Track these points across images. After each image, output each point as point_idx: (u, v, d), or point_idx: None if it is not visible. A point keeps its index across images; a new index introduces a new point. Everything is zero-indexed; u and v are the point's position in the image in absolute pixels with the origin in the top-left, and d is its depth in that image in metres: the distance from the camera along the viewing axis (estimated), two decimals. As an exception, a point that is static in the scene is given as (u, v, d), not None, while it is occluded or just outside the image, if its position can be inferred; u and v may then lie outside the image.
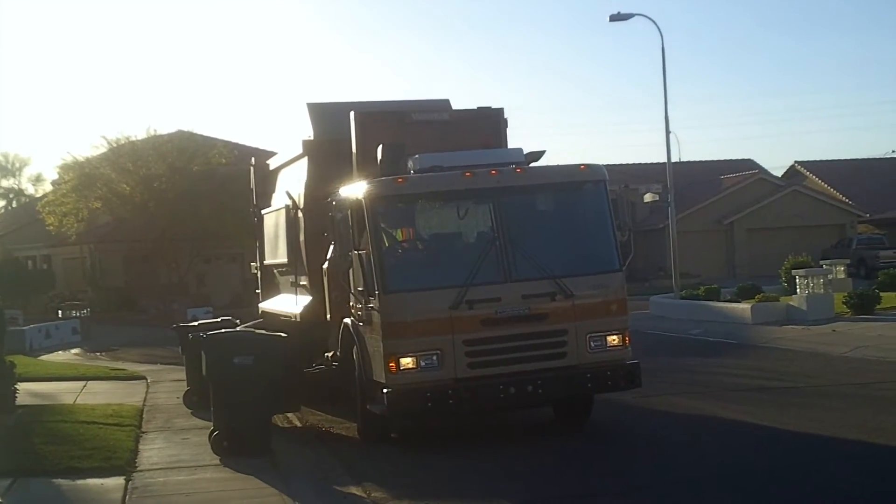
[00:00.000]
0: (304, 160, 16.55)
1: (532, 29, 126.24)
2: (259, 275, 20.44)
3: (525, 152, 14.00)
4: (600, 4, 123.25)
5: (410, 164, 13.54)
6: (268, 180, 19.63)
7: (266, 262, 19.41)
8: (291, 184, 17.13)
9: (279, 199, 17.89)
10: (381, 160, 13.81)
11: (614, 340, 13.06)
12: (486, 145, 14.49)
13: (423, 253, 13.72)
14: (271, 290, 19.22)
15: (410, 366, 12.43)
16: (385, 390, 12.53)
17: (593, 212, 13.65)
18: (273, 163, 19.53)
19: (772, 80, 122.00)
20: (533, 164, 13.95)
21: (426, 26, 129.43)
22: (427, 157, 13.45)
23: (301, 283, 16.58)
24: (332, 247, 15.10)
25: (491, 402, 12.83)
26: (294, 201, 16.39)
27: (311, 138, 16.52)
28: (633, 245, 13.73)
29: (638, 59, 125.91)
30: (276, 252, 18.12)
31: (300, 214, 16.25)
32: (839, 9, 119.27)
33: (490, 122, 15.57)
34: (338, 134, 15.25)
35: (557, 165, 14.27)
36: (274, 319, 18.05)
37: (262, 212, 19.57)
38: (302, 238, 16.23)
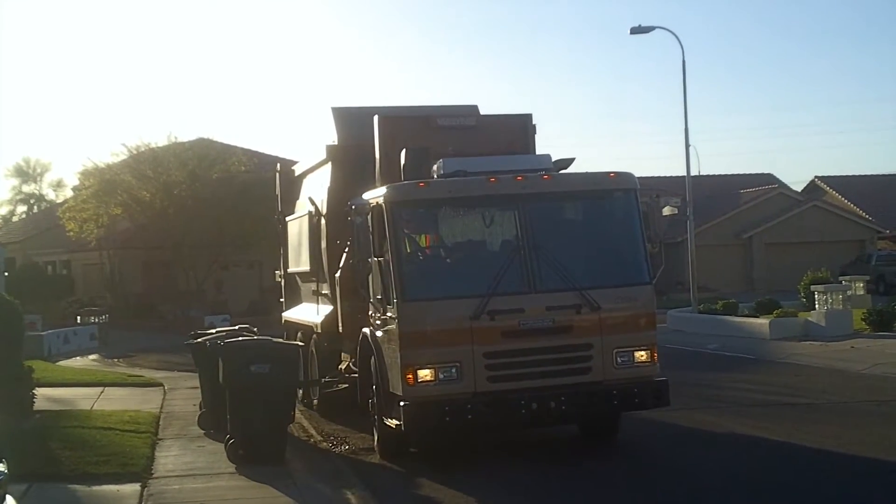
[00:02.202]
0: (328, 166, 16.25)
1: (551, 40, 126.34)
2: (283, 283, 20.18)
3: (553, 159, 13.60)
4: (621, 16, 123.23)
5: (434, 168, 13.21)
6: (293, 187, 19.42)
7: (290, 269, 19.17)
8: (315, 190, 16.90)
9: (303, 206, 17.64)
10: (404, 165, 13.50)
11: (642, 356, 12.59)
12: (513, 151, 14.12)
13: (444, 260, 13.36)
14: (295, 298, 19.01)
15: (428, 378, 12.00)
16: (402, 403, 12.08)
17: (623, 221, 13.21)
18: (298, 169, 19.32)
19: (791, 94, 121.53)
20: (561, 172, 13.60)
21: (446, 35, 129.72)
22: (451, 161, 13.07)
23: (322, 291, 16.37)
24: (345, 255, 14.76)
25: (511, 418, 12.35)
26: (317, 207, 16.10)
27: (336, 143, 16.26)
28: (663, 257, 13.31)
29: (656, 71, 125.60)
30: (299, 260, 17.89)
31: (323, 221, 15.93)
32: (860, 23, 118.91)
33: (518, 128, 15.21)
34: (363, 139, 14.94)
35: (586, 172, 13.83)
36: (296, 329, 17.86)
37: (287, 219, 19.35)
38: (324, 245, 15.99)
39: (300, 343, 15.71)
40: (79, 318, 39.83)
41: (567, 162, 13.70)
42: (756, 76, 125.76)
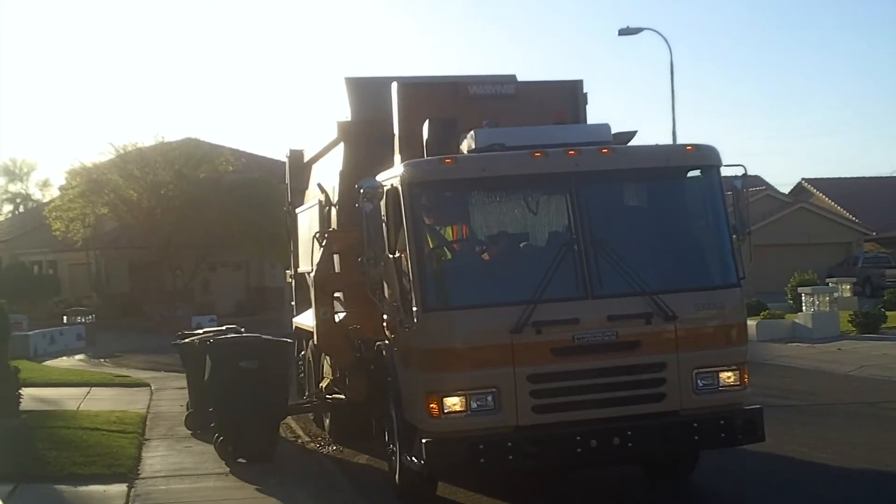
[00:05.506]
0: (340, 146, 14.01)
1: (539, 42, 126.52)
2: (293, 284, 17.99)
3: (613, 131, 11.10)
4: (609, 18, 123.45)
5: (465, 142, 10.79)
6: (302, 174, 17.19)
7: (300, 269, 16.87)
8: (326, 175, 14.76)
9: (314, 196, 15.32)
10: (427, 139, 11.08)
11: (729, 378, 10.09)
12: (560, 124, 11.63)
13: (476, 258, 10.74)
14: (307, 302, 15.70)
15: (457, 408, 9.60)
16: (423, 439, 9.72)
17: (704, 207, 10.70)
18: (308, 153, 16.98)
19: (778, 97, 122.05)
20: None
21: (426, 35, 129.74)
22: (486, 132, 10.67)
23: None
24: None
25: (564, 459, 9.91)
26: (327, 195, 13.96)
27: (349, 120, 14.04)
28: (752, 251, 10.65)
29: (644, 73, 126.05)
30: (309, 257, 15.11)
31: (334, 211, 13.73)
32: (848, 26, 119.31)
33: (567, 97, 12.85)
34: (381, 114, 12.68)
35: (656, 145, 11.42)
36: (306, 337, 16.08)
37: (297, 211, 17.20)
38: None
39: (289, 340, 14.99)
40: (65, 318, 39.74)
41: (629, 135, 11.25)
42: (743, 78, 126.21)
